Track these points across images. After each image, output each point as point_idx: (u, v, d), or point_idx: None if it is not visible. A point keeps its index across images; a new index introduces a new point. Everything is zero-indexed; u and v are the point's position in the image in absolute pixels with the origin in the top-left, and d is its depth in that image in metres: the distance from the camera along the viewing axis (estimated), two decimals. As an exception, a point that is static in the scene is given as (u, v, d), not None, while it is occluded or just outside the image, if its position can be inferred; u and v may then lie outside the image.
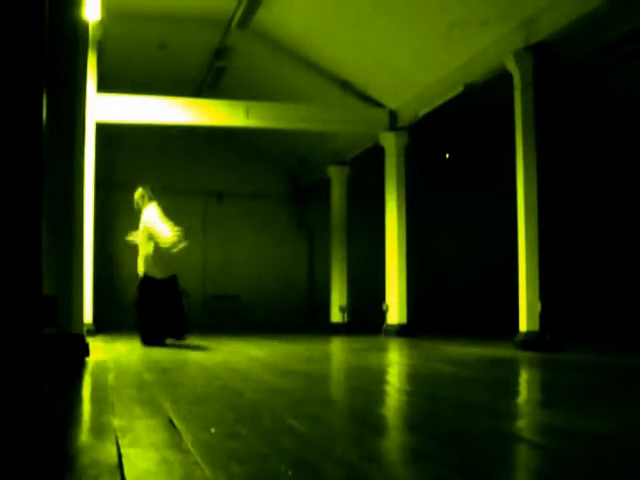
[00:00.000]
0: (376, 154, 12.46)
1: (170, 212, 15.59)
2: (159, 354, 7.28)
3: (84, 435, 2.81)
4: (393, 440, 2.90)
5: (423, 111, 11.11)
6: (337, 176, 14.69)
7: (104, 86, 10.49)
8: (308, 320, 15.85)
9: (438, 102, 10.63)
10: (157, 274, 8.34)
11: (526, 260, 8.31)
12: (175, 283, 8.47)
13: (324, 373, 5.92)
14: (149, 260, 8.33)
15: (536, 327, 8.13)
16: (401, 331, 11.63)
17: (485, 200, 14.44)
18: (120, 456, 2.27)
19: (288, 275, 16.35)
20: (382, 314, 12.13)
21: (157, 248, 8.31)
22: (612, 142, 12.95)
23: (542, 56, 8.37)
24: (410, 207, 12.12)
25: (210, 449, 2.43)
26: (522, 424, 3.25)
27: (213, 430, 2.78)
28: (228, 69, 12.21)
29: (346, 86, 11.89)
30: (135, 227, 8.79)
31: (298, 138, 13.77)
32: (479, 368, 6.26)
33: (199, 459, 2.25)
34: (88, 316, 9.15)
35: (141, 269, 8.41)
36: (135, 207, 8.72)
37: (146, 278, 8.38)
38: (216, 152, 15.44)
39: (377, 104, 12.11)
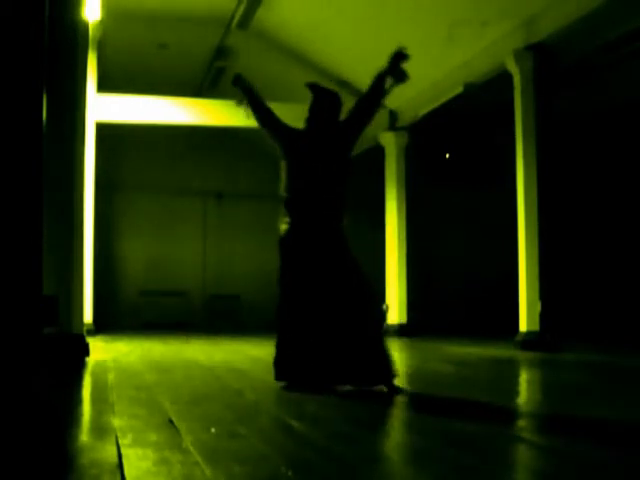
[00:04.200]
0: (376, 154, 12.46)
1: (170, 212, 15.53)
2: (159, 354, 7.29)
3: (84, 435, 2.81)
4: (393, 440, 2.90)
5: (423, 111, 11.11)
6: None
7: (104, 86, 10.48)
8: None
9: (438, 102, 10.63)
10: None
11: (526, 260, 8.30)
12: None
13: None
14: None
15: (536, 327, 8.13)
16: (401, 331, 11.63)
17: (485, 200, 14.44)
18: (120, 456, 2.27)
19: (288, 275, 16.32)
20: (382, 314, 12.12)
21: None
22: (612, 142, 12.95)
23: (542, 56, 8.37)
24: (410, 207, 12.11)
25: (210, 449, 2.43)
26: (522, 424, 3.25)
27: (213, 430, 2.78)
28: (228, 69, 12.20)
29: (346, 86, 11.89)
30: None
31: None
32: (479, 368, 6.26)
33: (199, 459, 2.25)
34: (88, 316, 9.14)
35: None
36: None
37: None
38: (216, 152, 15.43)
39: (377, 104, 12.10)
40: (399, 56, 4.40)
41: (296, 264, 4.19)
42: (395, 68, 4.47)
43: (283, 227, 4.34)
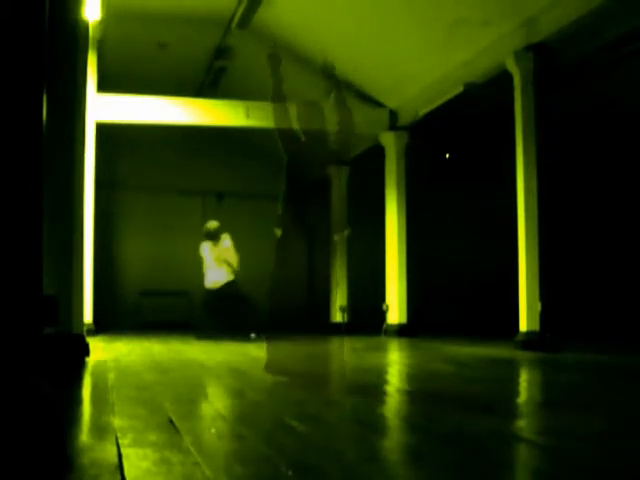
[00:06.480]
0: (376, 154, 12.45)
1: (170, 212, 15.49)
2: (159, 354, 7.29)
3: (84, 435, 2.81)
4: (393, 440, 2.90)
5: (423, 111, 11.10)
6: (337, 176, 14.65)
7: (104, 86, 10.48)
8: (308, 320, 15.82)
9: (438, 102, 10.62)
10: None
11: (526, 260, 8.30)
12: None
13: (324, 373, 5.91)
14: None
15: (536, 327, 8.12)
16: (401, 331, 11.63)
17: (485, 200, 14.43)
18: (120, 456, 2.27)
19: (288, 275, 16.32)
20: (382, 314, 12.12)
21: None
22: (613, 142, 12.94)
23: (543, 56, 8.36)
24: (410, 207, 12.11)
25: (210, 449, 2.43)
26: (522, 424, 3.25)
27: (213, 430, 2.78)
28: (228, 69, 12.19)
29: (346, 86, 11.88)
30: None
31: (298, 138, 13.72)
32: (479, 368, 6.26)
33: (199, 459, 2.25)
34: (88, 316, 9.14)
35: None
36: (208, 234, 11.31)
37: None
38: (216, 152, 15.42)
39: (377, 104, 12.10)
40: (327, 71, 4.93)
41: (286, 263, 5.21)
42: (335, 81, 5.36)
43: (279, 232, 5.24)
